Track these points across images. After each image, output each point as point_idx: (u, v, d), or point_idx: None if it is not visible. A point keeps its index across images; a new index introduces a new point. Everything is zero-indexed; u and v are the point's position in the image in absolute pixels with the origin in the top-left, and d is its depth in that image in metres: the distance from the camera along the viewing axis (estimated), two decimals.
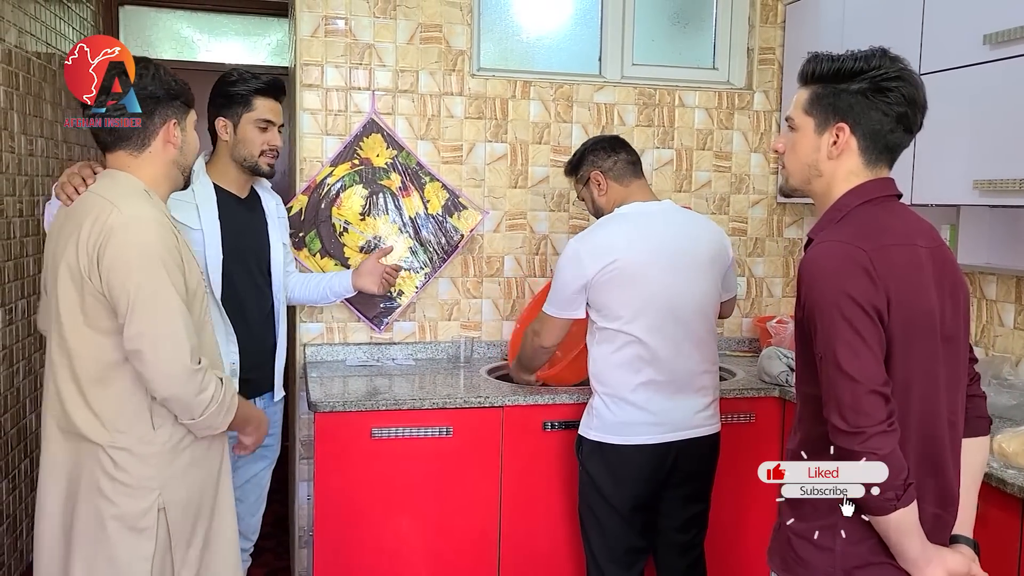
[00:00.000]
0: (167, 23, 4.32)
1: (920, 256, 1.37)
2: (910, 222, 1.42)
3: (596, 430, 2.29)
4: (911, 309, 1.33)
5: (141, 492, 1.70)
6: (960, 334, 1.43)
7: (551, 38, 3.21)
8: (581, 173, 2.45)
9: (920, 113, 1.41)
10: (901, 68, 1.39)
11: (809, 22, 3.04)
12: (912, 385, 1.35)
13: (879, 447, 1.27)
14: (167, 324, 1.64)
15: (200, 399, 1.69)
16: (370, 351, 3.00)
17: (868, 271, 1.31)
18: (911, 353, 1.34)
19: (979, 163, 2.21)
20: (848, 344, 1.30)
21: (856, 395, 1.29)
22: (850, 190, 1.42)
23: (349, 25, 2.93)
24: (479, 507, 2.56)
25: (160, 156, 1.77)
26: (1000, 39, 2.13)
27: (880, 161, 1.43)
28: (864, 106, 1.39)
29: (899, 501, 1.29)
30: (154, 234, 1.65)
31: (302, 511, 2.94)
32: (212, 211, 2.27)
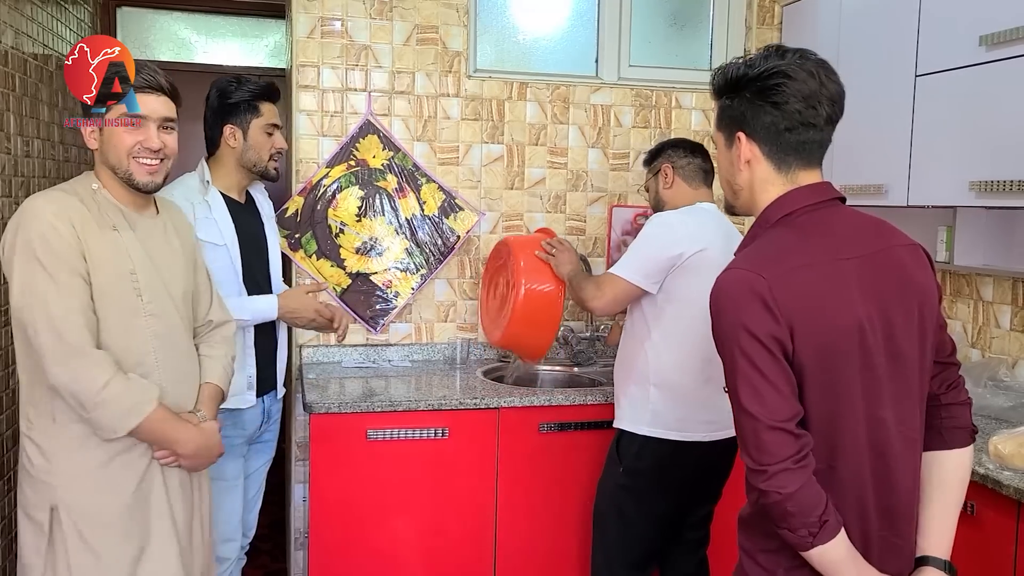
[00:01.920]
0: (164, 24, 4.31)
1: (841, 272, 1.27)
2: (839, 232, 1.32)
3: (650, 425, 2.24)
4: (823, 335, 1.23)
5: (39, 485, 1.71)
6: (915, 343, 1.31)
7: (548, 39, 3.21)
8: (655, 163, 2.46)
9: (826, 104, 1.30)
10: (786, 64, 1.29)
11: (806, 24, 3.04)
12: (840, 411, 1.26)
13: (782, 486, 1.21)
14: (40, 305, 1.63)
15: (83, 387, 1.63)
16: (366, 352, 2.99)
17: (765, 301, 1.22)
18: (832, 380, 1.24)
19: (975, 164, 2.21)
20: (747, 380, 1.23)
21: (757, 432, 1.22)
22: (770, 204, 1.35)
23: (345, 26, 2.93)
24: (475, 509, 2.55)
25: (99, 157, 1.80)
26: (996, 40, 2.12)
27: (791, 164, 1.33)
28: (754, 111, 1.32)
29: (815, 538, 1.22)
30: (38, 220, 1.66)
31: (298, 513, 2.94)
32: (230, 226, 2.29)
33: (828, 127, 1.33)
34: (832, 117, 1.33)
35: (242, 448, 2.36)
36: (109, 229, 1.73)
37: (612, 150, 3.18)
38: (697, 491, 2.34)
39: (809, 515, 1.21)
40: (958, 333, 2.66)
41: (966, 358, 2.62)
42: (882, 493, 1.29)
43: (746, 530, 1.38)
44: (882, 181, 2.52)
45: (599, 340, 3.12)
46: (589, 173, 3.16)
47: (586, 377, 3.00)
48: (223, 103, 2.31)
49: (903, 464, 1.31)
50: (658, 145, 2.49)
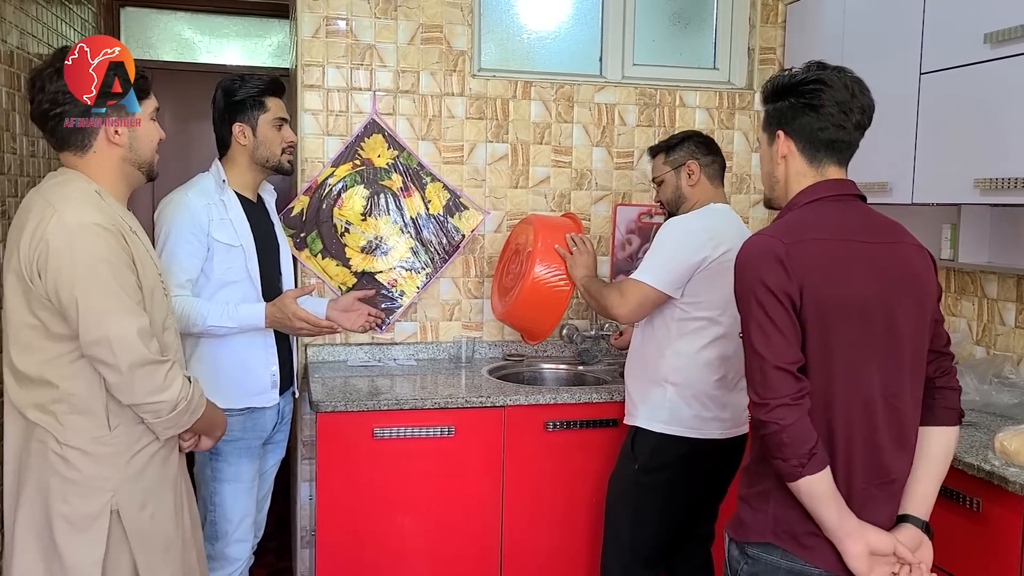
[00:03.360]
0: (168, 24, 4.32)
1: (852, 250, 1.48)
2: (857, 221, 1.53)
3: (667, 423, 2.24)
4: (828, 298, 1.44)
5: (93, 492, 1.68)
6: (912, 327, 1.51)
7: (552, 38, 3.22)
8: (675, 156, 2.39)
9: (856, 112, 1.53)
10: (822, 73, 1.53)
11: (810, 22, 3.04)
12: (834, 366, 1.46)
13: (781, 418, 1.41)
14: (118, 326, 1.61)
15: (167, 396, 1.67)
16: (371, 351, 3.00)
17: (782, 261, 1.44)
18: (831, 338, 1.45)
19: (980, 162, 2.21)
20: (760, 326, 1.45)
21: (764, 371, 1.44)
22: (801, 190, 1.56)
23: (350, 26, 2.93)
24: (481, 507, 2.56)
25: (105, 156, 1.73)
26: (1001, 38, 2.13)
27: (822, 159, 1.56)
28: (794, 112, 1.55)
29: (803, 468, 1.41)
30: (97, 239, 1.61)
31: (304, 511, 2.95)
32: (245, 226, 2.29)
33: (856, 132, 1.56)
34: (861, 124, 1.56)
35: (258, 449, 2.36)
36: (130, 231, 1.73)
37: (616, 149, 3.18)
38: (709, 488, 2.35)
39: (801, 447, 1.41)
40: (963, 330, 2.67)
41: (971, 355, 2.62)
42: (869, 449, 1.49)
43: (745, 477, 1.60)
44: (886, 179, 2.52)
45: (604, 339, 3.12)
46: (593, 172, 3.17)
47: (591, 375, 3.00)
48: (229, 102, 2.31)
49: (887, 427, 1.50)
50: (677, 137, 2.42)
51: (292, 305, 2.24)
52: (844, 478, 1.48)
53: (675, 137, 2.43)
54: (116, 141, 1.74)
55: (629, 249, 3.18)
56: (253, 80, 2.32)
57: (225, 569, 2.33)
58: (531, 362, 3.08)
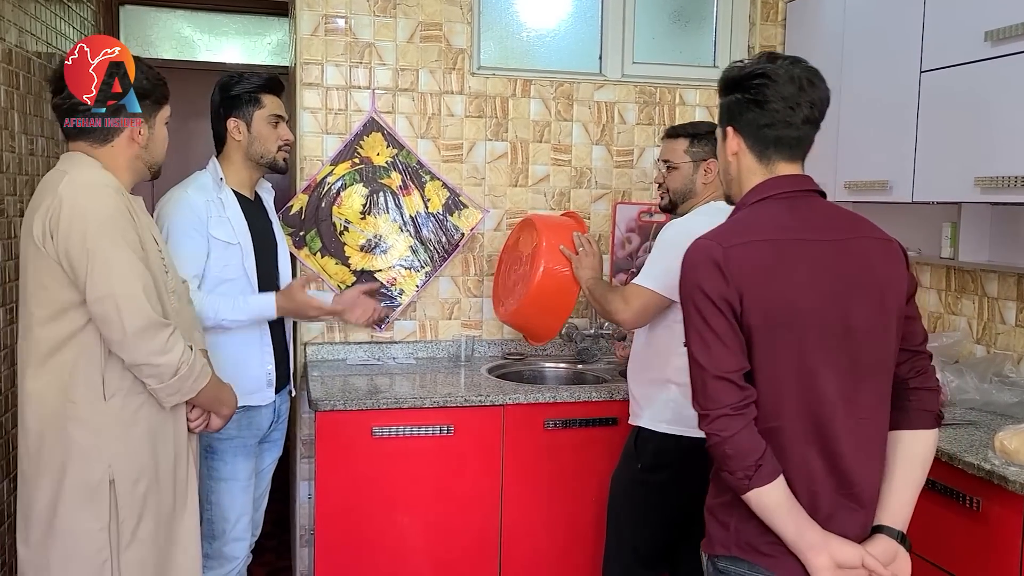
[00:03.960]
0: (167, 23, 4.31)
1: (797, 251, 1.42)
2: (808, 218, 1.46)
3: (670, 423, 2.21)
4: (770, 302, 1.39)
5: (91, 463, 1.72)
6: (874, 327, 1.43)
7: (551, 36, 3.21)
8: (699, 149, 2.31)
9: (804, 107, 1.45)
10: (768, 67, 1.45)
11: (810, 20, 3.04)
12: (783, 372, 1.40)
13: (723, 428, 1.37)
14: (125, 285, 1.66)
15: (168, 359, 1.71)
16: (371, 350, 2.99)
17: (720, 266, 1.39)
18: (777, 343, 1.39)
19: (980, 160, 2.20)
20: (699, 334, 1.40)
21: (703, 380, 1.40)
22: (750, 189, 1.51)
23: (349, 24, 2.93)
24: (480, 506, 2.56)
25: (123, 151, 1.81)
26: (1001, 36, 2.12)
27: (771, 155, 1.49)
28: (740, 108, 1.49)
29: (750, 481, 1.37)
30: (107, 198, 1.68)
31: (303, 510, 2.94)
32: (243, 224, 2.29)
33: (806, 126, 1.47)
34: (810, 119, 1.47)
35: (255, 448, 2.36)
36: (134, 214, 1.78)
37: (616, 147, 3.18)
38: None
39: (746, 458, 1.37)
40: (963, 329, 2.66)
41: (971, 354, 2.62)
42: (828, 458, 1.42)
43: (711, 486, 1.55)
44: (887, 177, 2.52)
45: (603, 337, 3.12)
46: (593, 170, 3.16)
47: (591, 374, 3.00)
48: (225, 97, 2.32)
49: (847, 433, 1.42)
50: (704, 127, 2.34)
51: (301, 295, 2.33)
52: (805, 489, 1.42)
53: (702, 126, 2.35)
54: (137, 140, 1.82)
55: (629, 248, 3.18)
56: (251, 76, 2.33)
57: (223, 568, 2.33)
58: (530, 361, 3.08)
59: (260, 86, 2.32)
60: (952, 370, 2.41)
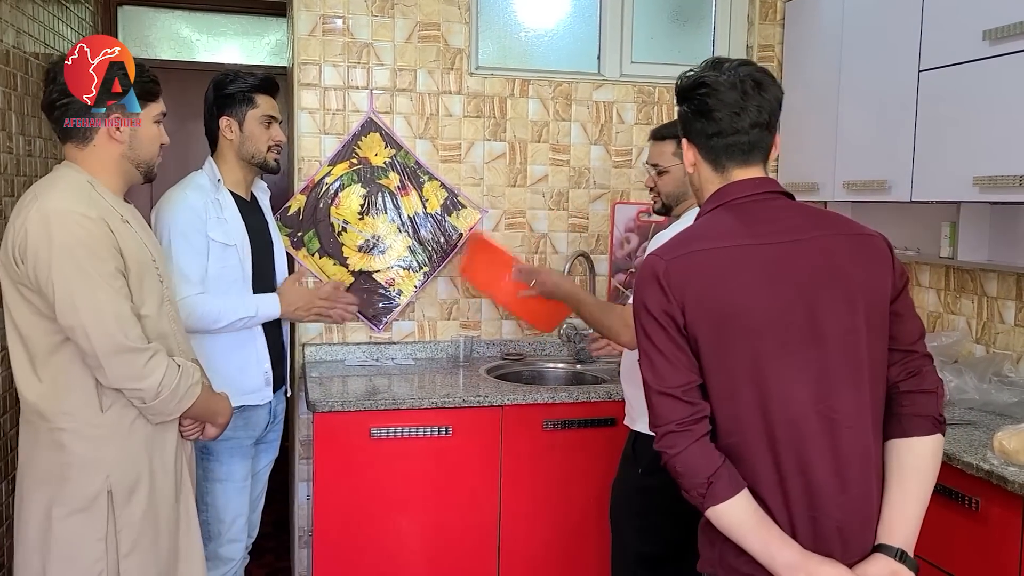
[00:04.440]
0: (166, 23, 4.31)
1: (748, 255, 1.36)
2: (764, 221, 1.40)
3: None
4: (717, 312, 1.33)
5: (87, 474, 1.71)
6: (848, 329, 1.34)
7: (550, 36, 3.20)
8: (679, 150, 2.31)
9: (751, 111, 1.40)
10: (707, 76, 1.42)
11: (808, 19, 3.03)
12: (741, 384, 1.34)
13: (670, 445, 1.35)
14: (92, 313, 1.64)
15: (146, 384, 1.69)
16: (369, 351, 2.99)
17: (660, 281, 1.36)
18: (730, 354, 1.34)
19: (979, 159, 2.20)
20: (644, 351, 1.38)
21: (649, 397, 1.38)
22: (707, 199, 1.47)
23: (347, 24, 2.92)
24: (479, 506, 2.55)
25: (105, 151, 1.78)
26: (999, 35, 2.12)
27: (724, 164, 1.45)
28: (689, 119, 1.46)
29: (704, 499, 1.33)
30: (72, 225, 1.65)
31: (302, 511, 2.94)
32: (240, 225, 2.30)
33: (756, 131, 1.42)
34: (760, 122, 1.42)
35: (251, 449, 2.36)
36: (121, 220, 1.76)
37: (614, 147, 3.17)
38: None
39: (697, 476, 1.33)
40: (962, 328, 2.66)
41: (970, 353, 2.61)
42: (802, 472, 1.33)
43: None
44: (885, 177, 2.51)
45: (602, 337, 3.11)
46: (591, 170, 3.16)
47: (589, 374, 2.99)
48: (218, 95, 2.32)
49: (820, 444, 1.34)
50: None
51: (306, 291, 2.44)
52: (780, 506, 1.34)
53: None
54: (117, 138, 1.79)
55: (628, 247, 3.17)
56: (246, 76, 2.33)
57: (219, 569, 2.32)
58: (529, 361, 3.07)
59: (255, 86, 2.32)
60: (951, 370, 2.41)
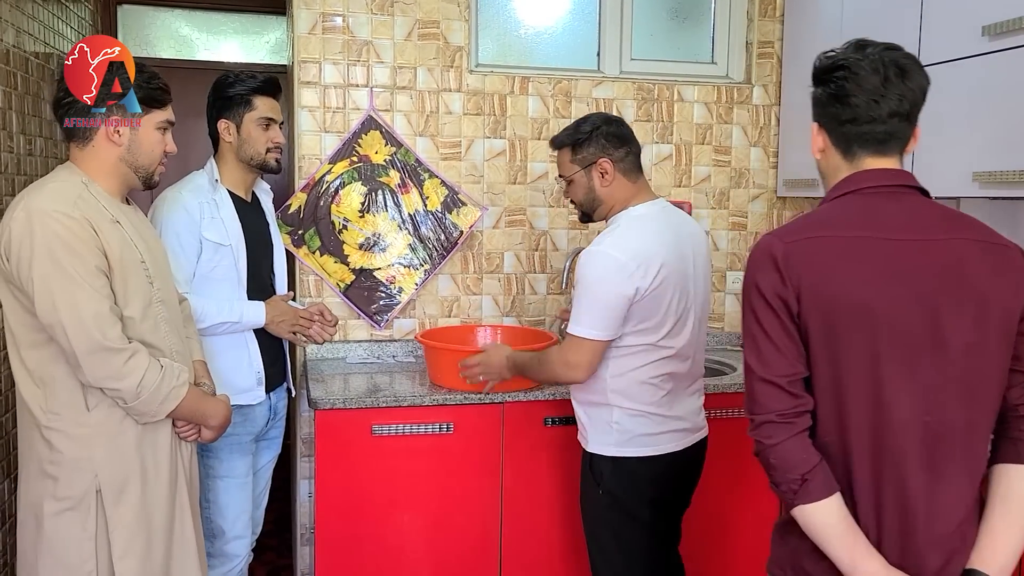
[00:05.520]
0: (166, 22, 4.31)
1: (869, 248, 1.28)
2: (893, 215, 1.32)
3: (618, 445, 2.09)
4: (833, 303, 1.27)
5: (76, 473, 1.71)
6: (972, 341, 1.27)
7: (549, 33, 3.21)
8: (584, 154, 2.13)
9: (892, 99, 1.31)
10: (848, 57, 1.33)
11: (808, 15, 3.03)
12: (848, 382, 1.28)
13: (766, 436, 1.29)
14: (70, 312, 1.64)
15: (125, 384, 1.69)
16: (370, 348, 3.00)
17: (776, 262, 1.29)
18: (841, 349, 1.27)
19: (979, 155, 2.20)
20: (750, 334, 1.33)
21: (751, 384, 1.32)
22: (834, 185, 1.39)
23: (347, 22, 2.92)
24: (480, 503, 2.56)
25: (103, 152, 1.79)
26: (999, 30, 2.12)
27: (856, 152, 1.36)
28: (823, 103, 1.38)
29: (795, 496, 1.27)
30: (54, 224, 1.65)
31: (303, 509, 2.95)
32: (237, 226, 2.30)
33: (894, 120, 1.33)
34: (899, 112, 1.33)
35: (251, 445, 2.37)
36: (112, 221, 1.76)
37: None
38: (677, 498, 2.23)
39: (791, 471, 1.26)
40: None
41: None
42: (898, 482, 1.28)
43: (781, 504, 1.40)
44: None
45: None
46: None
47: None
48: (217, 98, 2.34)
49: (924, 457, 1.27)
50: (585, 129, 2.14)
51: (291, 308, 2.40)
52: (870, 516, 1.29)
53: (582, 128, 2.14)
54: (115, 140, 1.79)
55: None
56: (245, 78, 2.33)
57: (224, 566, 2.33)
58: None
59: (254, 88, 2.32)
60: None
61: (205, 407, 1.90)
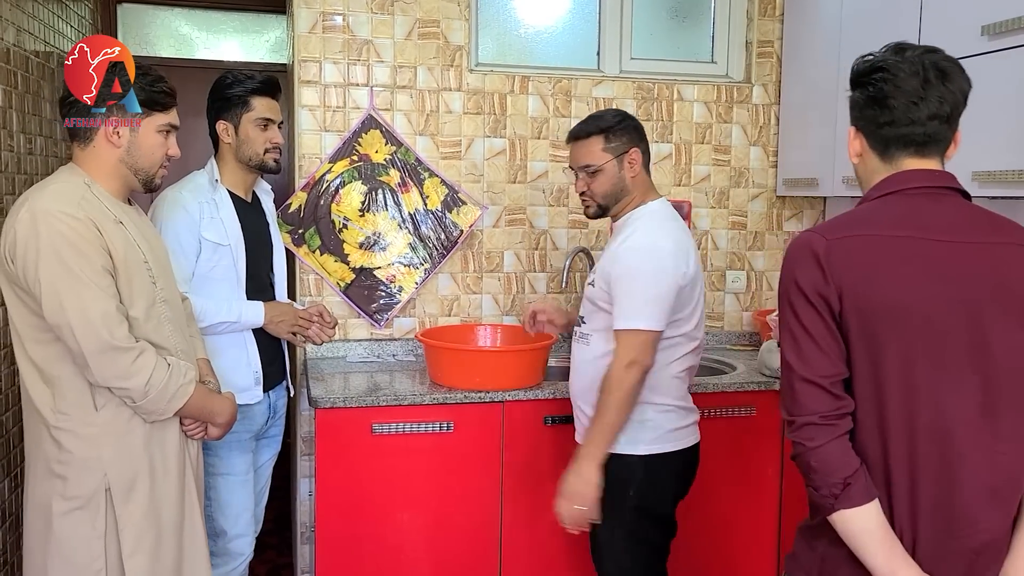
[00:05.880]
0: (165, 21, 4.31)
1: (912, 249, 1.26)
2: (935, 216, 1.30)
3: (650, 443, 2.08)
4: (876, 303, 1.24)
5: (84, 473, 1.72)
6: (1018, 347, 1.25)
7: (549, 32, 3.21)
8: (618, 142, 2.12)
9: (932, 102, 1.30)
10: (887, 60, 1.33)
11: (807, 15, 3.03)
12: (888, 385, 1.25)
13: (809, 438, 1.25)
14: (77, 312, 1.64)
15: (133, 383, 1.69)
16: (370, 347, 3.00)
17: (818, 259, 1.27)
18: (882, 350, 1.25)
19: (977, 154, 2.21)
20: (790, 332, 1.29)
21: (791, 383, 1.28)
22: (874, 185, 1.37)
23: (347, 21, 2.93)
24: (480, 502, 2.56)
25: (104, 153, 1.79)
26: (998, 30, 2.12)
27: (894, 154, 1.34)
28: (861, 105, 1.37)
29: (836, 500, 1.24)
30: (58, 224, 1.66)
31: (304, 507, 2.95)
32: (236, 226, 2.31)
33: (934, 123, 1.32)
34: (939, 114, 1.31)
35: (250, 443, 2.38)
36: (115, 222, 1.77)
37: None
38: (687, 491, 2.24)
39: (832, 475, 1.23)
40: None
41: None
42: (939, 490, 1.25)
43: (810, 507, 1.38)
44: None
45: None
46: None
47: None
48: (215, 99, 2.35)
49: (970, 464, 1.24)
50: (613, 116, 2.16)
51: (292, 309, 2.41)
52: (906, 522, 1.26)
53: (608, 116, 2.15)
54: (114, 141, 1.79)
55: None
56: (243, 79, 2.33)
57: (228, 564, 2.34)
58: None
59: (252, 89, 2.32)
60: None
61: (212, 405, 1.91)
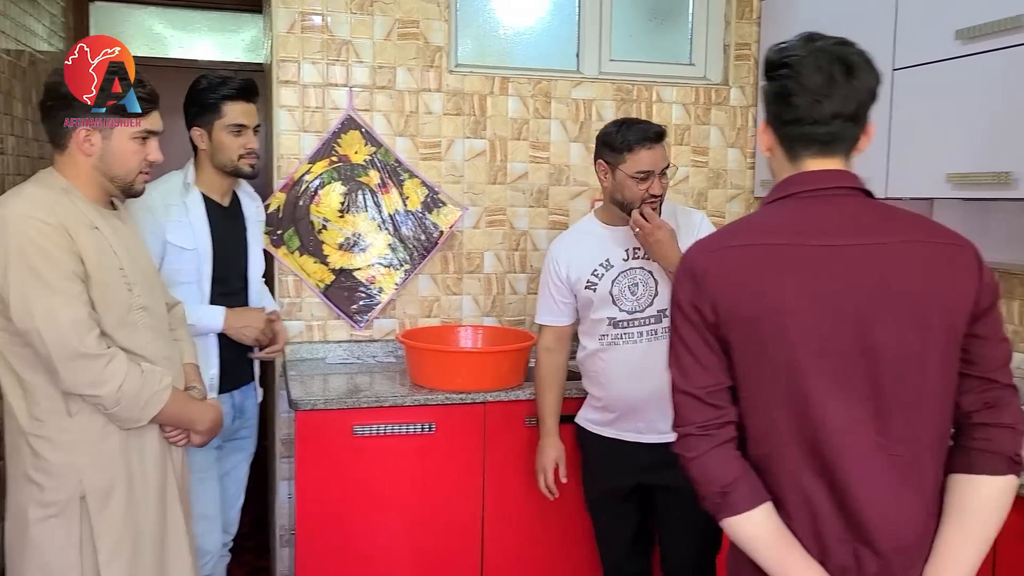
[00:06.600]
0: (138, 19, 4.25)
1: (797, 255, 1.23)
2: (826, 219, 1.26)
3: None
4: (751, 313, 1.22)
5: (60, 480, 1.70)
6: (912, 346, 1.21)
7: (529, 34, 3.21)
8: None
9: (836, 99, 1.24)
10: (793, 55, 1.26)
11: (784, 18, 3.07)
12: (771, 393, 1.24)
13: (687, 449, 1.27)
14: (46, 317, 1.62)
15: (104, 391, 1.67)
16: (350, 348, 2.98)
17: (694, 275, 1.27)
18: (762, 360, 1.23)
19: (952, 157, 2.24)
20: (672, 347, 1.31)
21: (673, 396, 1.30)
22: (773, 187, 1.34)
23: (326, 21, 2.91)
24: (462, 503, 2.56)
25: (77, 159, 1.76)
26: (972, 34, 2.16)
27: (799, 153, 1.29)
28: (770, 99, 1.30)
29: (719, 509, 1.25)
30: (30, 229, 1.63)
31: (283, 510, 2.93)
32: (204, 230, 2.28)
33: (837, 121, 1.26)
34: (842, 114, 1.26)
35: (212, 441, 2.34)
36: (90, 227, 1.73)
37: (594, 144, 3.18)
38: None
39: (711, 484, 1.25)
40: None
41: None
42: (839, 493, 1.22)
43: None
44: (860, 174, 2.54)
45: None
46: (571, 167, 3.17)
47: (571, 370, 3.00)
48: (189, 104, 2.33)
49: (865, 469, 1.21)
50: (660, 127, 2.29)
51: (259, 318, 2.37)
52: (808, 528, 1.24)
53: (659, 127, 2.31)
54: (85, 150, 1.76)
55: None
56: (217, 85, 2.30)
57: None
58: None
59: (224, 95, 2.29)
60: None
61: (191, 412, 1.88)
